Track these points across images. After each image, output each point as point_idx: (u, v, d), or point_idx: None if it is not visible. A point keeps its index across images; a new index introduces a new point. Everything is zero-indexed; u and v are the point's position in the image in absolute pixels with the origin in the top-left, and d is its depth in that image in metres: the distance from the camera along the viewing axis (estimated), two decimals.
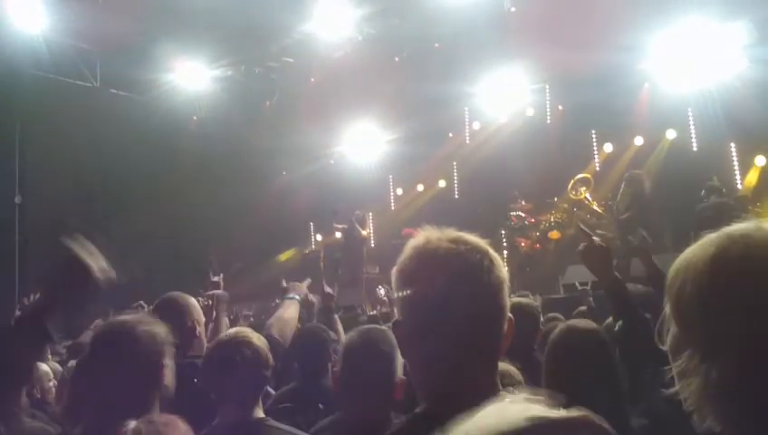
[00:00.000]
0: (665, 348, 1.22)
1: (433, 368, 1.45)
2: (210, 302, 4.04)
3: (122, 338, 2.32)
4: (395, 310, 5.31)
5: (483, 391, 1.42)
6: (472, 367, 1.43)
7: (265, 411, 2.89)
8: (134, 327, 2.34)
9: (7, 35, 10.52)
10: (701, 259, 1.18)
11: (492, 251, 1.48)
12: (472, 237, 1.48)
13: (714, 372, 1.12)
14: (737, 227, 1.19)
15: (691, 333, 1.17)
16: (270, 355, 2.88)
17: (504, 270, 1.47)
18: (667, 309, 1.22)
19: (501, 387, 1.47)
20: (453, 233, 1.48)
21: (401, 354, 1.57)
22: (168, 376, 2.34)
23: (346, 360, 2.57)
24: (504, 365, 2.38)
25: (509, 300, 1.48)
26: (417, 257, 1.46)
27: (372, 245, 14.51)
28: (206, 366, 2.87)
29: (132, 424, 1.89)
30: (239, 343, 2.86)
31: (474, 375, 1.43)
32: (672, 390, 1.20)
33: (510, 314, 1.47)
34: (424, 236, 1.48)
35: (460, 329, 1.40)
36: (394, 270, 1.50)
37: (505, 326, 1.46)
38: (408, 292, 1.45)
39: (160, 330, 2.38)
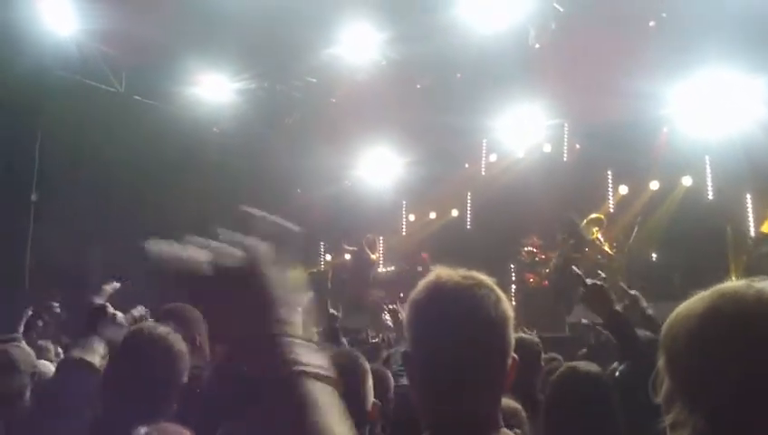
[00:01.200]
0: (658, 401, 1.24)
1: (436, 398, 1.49)
2: None
3: (152, 347, 2.34)
4: (398, 335, 5.30)
5: (484, 425, 1.46)
6: (474, 400, 1.47)
7: None
8: (163, 338, 2.36)
9: (38, 34, 10.67)
10: (694, 314, 1.22)
11: (497, 289, 1.53)
12: (480, 275, 1.54)
13: (702, 425, 1.13)
14: (730, 285, 1.23)
15: (682, 385, 1.20)
16: None
17: (509, 307, 1.53)
18: (661, 361, 1.24)
19: (502, 424, 1.51)
20: (463, 271, 1.54)
21: (409, 383, 1.62)
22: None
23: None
24: (510, 404, 2.38)
25: (513, 337, 1.53)
26: (427, 292, 1.52)
27: (381, 269, 14.52)
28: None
29: (143, 431, 1.90)
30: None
31: (476, 408, 1.48)
32: None
33: (514, 354, 1.52)
34: (436, 273, 1.55)
35: (465, 362, 1.45)
36: (407, 303, 1.57)
37: (509, 362, 1.50)
38: (418, 324, 1.52)
39: (183, 344, 2.40)
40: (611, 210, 12.62)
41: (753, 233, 11.00)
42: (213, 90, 13.18)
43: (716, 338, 1.17)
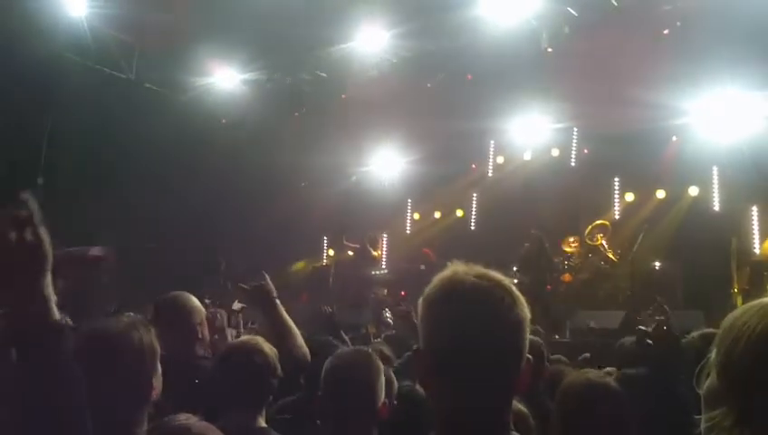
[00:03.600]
0: (700, 392, 1.23)
1: (447, 398, 1.47)
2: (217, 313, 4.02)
3: (109, 347, 2.18)
4: (407, 333, 5.28)
5: (494, 427, 1.46)
6: (486, 401, 1.46)
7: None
8: (123, 335, 2.20)
9: (50, 17, 10.68)
10: (757, 325, 1.20)
11: (515, 289, 1.51)
12: (497, 274, 1.51)
13: (749, 431, 1.12)
14: None
15: (733, 391, 1.18)
16: (278, 365, 2.89)
17: (525, 309, 1.50)
18: (713, 356, 1.22)
19: (512, 428, 1.50)
20: (479, 269, 1.51)
21: (419, 382, 1.60)
22: (157, 383, 2.27)
23: (325, 384, 2.58)
24: (519, 408, 2.37)
25: (528, 339, 1.51)
26: (443, 289, 1.50)
27: (384, 267, 14.52)
28: (216, 369, 2.88)
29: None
30: (250, 350, 2.87)
31: (487, 410, 1.46)
32: None
33: (529, 356, 1.50)
34: (451, 269, 1.52)
35: (480, 363, 1.43)
36: (420, 299, 1.53)
37: (523, 365, 1.48)
38: (433, 322, 1.49)
39: (150, 338, 2.26)
40: (617, 217, 12.60)
41: (757, 248, 10.98)
42: (223, 80, 13.19)
43: None
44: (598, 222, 12.01)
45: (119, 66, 12.45)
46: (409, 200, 15.31)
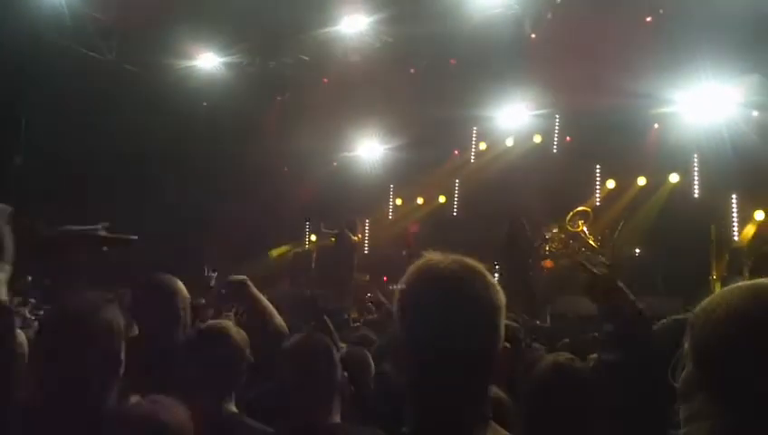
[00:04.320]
0: (676, 385, 1.22)
1: (424, 386, 1.46)
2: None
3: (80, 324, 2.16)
4: (382, 318, 5.29)
5: (472, 414, 1.45)
6: (463, 388, 1.45)
7: (240, 406, 2.87)
8: (92, 315, 2.18)
9: None
10: (730, 304, 1.19)
11: (490, 276, 1.50)
12: (472, 261, 1.51)
13: (726, 418, 1.11)
14: (762, 281, 1.21)
15: (710, 376, 1.17)
16: (247, 351, 2.87)
17: (501, 295, 1.49)
18: (687, 348, 1.21)
19: (491, 413, 1.49)
20: (454, 256, 1.50)
21: (396, 369, 1.58)
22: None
23: (285, 366, 2.63)
24: (497, 393, 2.36)
25: (503, 325, 1.49)
26: (418, 277, 1.49)
27: (365, 252, 14.51)
28: (186, 354, 2.85)
29: (133, 399, 1.88)
30: (217, 334, 2.86)
31: (464, 397, 1.45)
32: (680, 433, 1.19)
33: (506, 343, 1.49)
34: (426, 257, 1.51)
35: (456, 350, 1.42)
36: (397, 287, 1.53)
37: (499, 350, 1.47)
38: (409, 310, 1.48)
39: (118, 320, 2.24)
40: (598, 204, 12.66)
41: (736, 235, 11.09)
42: (204, 63, 13.05)
43: (754, 331, 1.14)
44: (579, 208, 12.05)
45: (98, 48, 12.27)
46: (392, 186, 15.28)
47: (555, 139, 13.33)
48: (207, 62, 13.01)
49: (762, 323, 1.14)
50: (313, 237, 15.35)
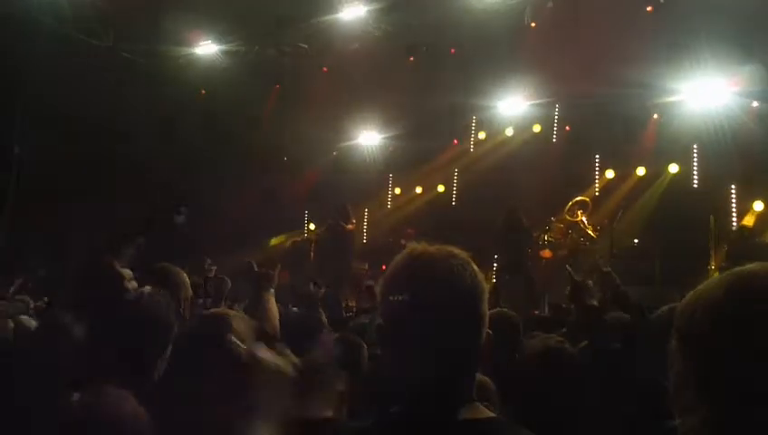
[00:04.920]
0: (666, 383, 1.22)
1: (409, 370, 1.49)
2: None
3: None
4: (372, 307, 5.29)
5: (457, 397, 1.48)
6: (448, 373, 1.47)
7: None
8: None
9: None
10: (716, 293, 1.18)
11: (472, 262, 1.54)
12: (455, 249, 1.55)
13: (715, 409, 1.11)
14: (747, 268, 1.19)
15: (699, 367, 1.16)
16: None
17: (483, 280, 1.54)
18: (674, 344, 1.21)
19: (475, 397, 1.52)
20: (438, 245, 1.56)
21: (382, 355, 1.61)
22: None
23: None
24: (480, 377, 2.36)
25: (487, 311, 1.53)
26: (403, 264, 1.54)
27: (364, 241, 14.50)
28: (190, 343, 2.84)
29: (76, 396, 1.86)
30: (220, 324, 2.84)
31: (449, 381, 1.48)
32: (672, 425, 1.19)
33: (489, 330, 1.53)
34: (411, 247, 1.57)
35: (439, 334, 1.45)
36: (381, 277, 1.57)
37: (483, 337, 1.51)
38: (391, 296, 1.51)
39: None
40: (597, 194, 12.65)
41: (735, 224, 11.09)
42: (203, 51, 12.99)
43: (740, 318, 1.13)
44: (578, 198, 12.05)
45: (95, 33, 12.20)
46: (391, 175, 15.26)
47: (555, 128, 13.31)
48: (206, 49, 12.95)
49: (740, 313, 1.13)
50: (312, 226, 15.34)
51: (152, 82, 12.64)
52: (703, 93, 11.10)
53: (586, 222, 11.74)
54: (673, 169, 11.97)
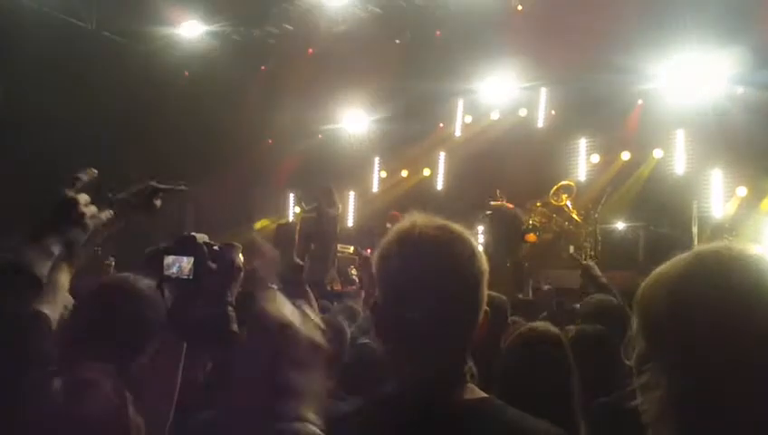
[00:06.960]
0: (630, 363, 1.22)
1: (406, 351, 1.46)
2: None
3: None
4: (366, 290, 5.30)
5: (452, 379, 1.47)
6: (444, 354, 1.45)
7: None
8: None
9: None
10: (673, 273, 1.20)
11: (475, 243, 1.49)
12: (457, 227, 1.49)
13: (675, 385, 1.12)
14: (709, 246, 1.22)
15: (657, 345, 1.17)
16: None
17: (485, 262, 1.49)
18: (634, 323, 1.22)
19: (468, 379, 1.50)
20: (439, 221, 1.49)
21: (376, 335, 1.58)
22: None
23: None
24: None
25: (486, 293, 1.49)
26: (401, 241, 1.47)
27: (350, 225, 14.47)
28: None
29: (57, 383, 1.80)
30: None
31: (444, 362, 1.45)
32: (634, 403, 1.20)
33: (486, 308, 1.49)
34: (410, 220, 1.49)
35: (438, 316, 1.41)
36: (376, 251, 1.50)
37: (480, 318, 1.47)
38: (389, 275, 1.47)
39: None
40: (582, 178, 12.70)
41: (718, 211, 11.15)
42: (187, 31, 12.84)
43: (696, 295, 1.14)
44: (563, 182, 12.06)
45: (78, 14, 12.03)
46: (377, 158, 15.22)
47: (540, 113, 13.31)
48: (190, 30, 12.80)
49: (695, 293, 1.15)
50: (297, 209, 15.28)
51: (135, 63, 12.49)
52: (688, 79, 11.12)
53: (571, 206, 11.77)
54: (657, 154, 12.02)
